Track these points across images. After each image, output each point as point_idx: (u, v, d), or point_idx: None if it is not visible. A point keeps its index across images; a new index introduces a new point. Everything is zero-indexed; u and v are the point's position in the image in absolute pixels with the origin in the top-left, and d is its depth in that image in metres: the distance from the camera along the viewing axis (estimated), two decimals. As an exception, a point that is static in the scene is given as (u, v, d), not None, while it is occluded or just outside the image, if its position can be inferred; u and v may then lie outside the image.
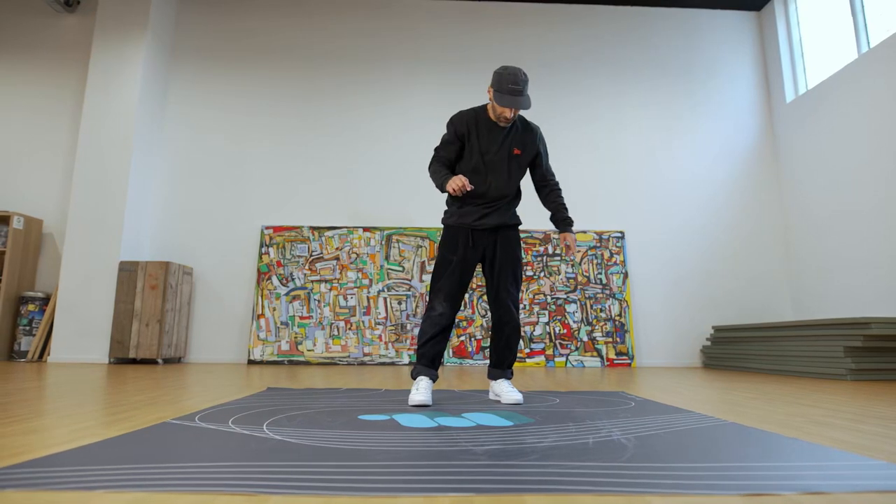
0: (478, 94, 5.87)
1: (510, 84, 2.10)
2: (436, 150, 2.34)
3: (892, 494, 0.92)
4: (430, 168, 2.33)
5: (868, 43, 4.83)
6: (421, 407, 2.06)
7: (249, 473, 1.02)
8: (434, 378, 2.25)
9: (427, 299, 2.37)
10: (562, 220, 2.40)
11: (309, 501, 0.86)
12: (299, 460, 1.14)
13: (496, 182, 2.26)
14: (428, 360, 2.24)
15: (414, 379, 2.24)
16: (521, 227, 5.45)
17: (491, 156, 2.25)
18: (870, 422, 1.77)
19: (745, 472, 1.07)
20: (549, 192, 2.41)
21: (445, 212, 2.36)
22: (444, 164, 2.31)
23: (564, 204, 2.43)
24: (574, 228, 5.50)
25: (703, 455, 1.22)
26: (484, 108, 2.29)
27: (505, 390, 2.26)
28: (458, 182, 2.14)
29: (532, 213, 5.60)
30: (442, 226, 2.58)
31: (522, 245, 5.44)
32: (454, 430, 1.55)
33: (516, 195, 2.36)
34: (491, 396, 2.36)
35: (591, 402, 2.29)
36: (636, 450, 1.28)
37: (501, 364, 2.34)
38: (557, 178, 2.54)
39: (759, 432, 1.53)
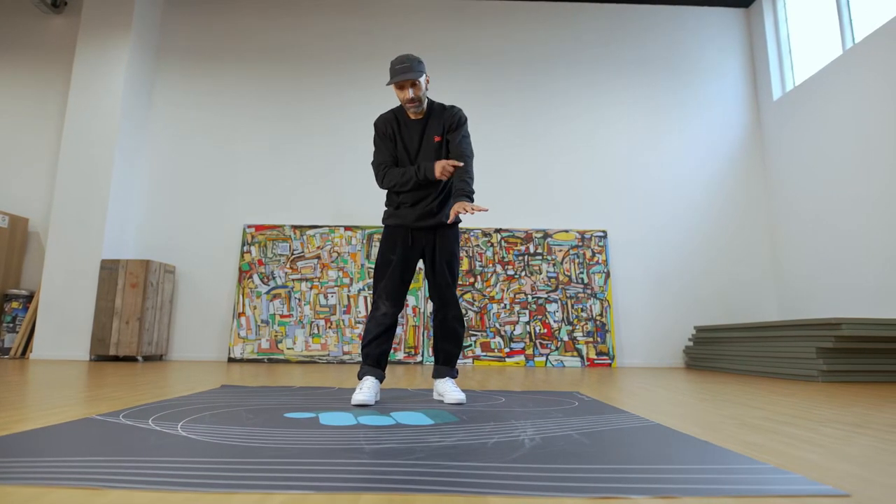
0: (462, 92, 5.85)
1: (396, 66, 2.16)
2: (374, 163, 2.33)
3: (744, 499, 0.90)
4: (385, 179, 2.27)
5: (853, 38, 4.76)
6: (363, 406, 2.05)
7: (109, 468, 1.02)
8: (380, 378, 2.25)
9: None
10: (457, 190, 2.16)
11: (142, 496, 0.85)
12: (175, 456, 1.14)
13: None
14: (373, 360, 2.24)
15: (360, 379, 2.23)
16: (501, 228, 5.45)
17: (414, 150, 2.27)
18: (799, 424, 1.74)
19: (616, 474, 1.05)
20: (458, 168, 2.22)
21: (385, 212, 2.36)
22: (390, 167, 2.30)
23: (465, 179, 2.17)
24: (556, 227, 5.50)
25: (592, 457, 1.21)
26: (401, 107, 2.30)
27: (448, 389, 2.25)
28: (441, 165, 2.17)
29: (513, 213, 5.59)
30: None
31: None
32: (367, 429, 1.54)
33: (448, 187, 2.31)
34: (435, 396, 2.34)
35: (536, 401, 2.27)
36: (531, 450, 1.27)
37: (448, 361, 2.33)
38: (542, 177, 2.50)
39: (675, 434, 1.51)
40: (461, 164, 2.20)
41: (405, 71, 2.14)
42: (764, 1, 5.87)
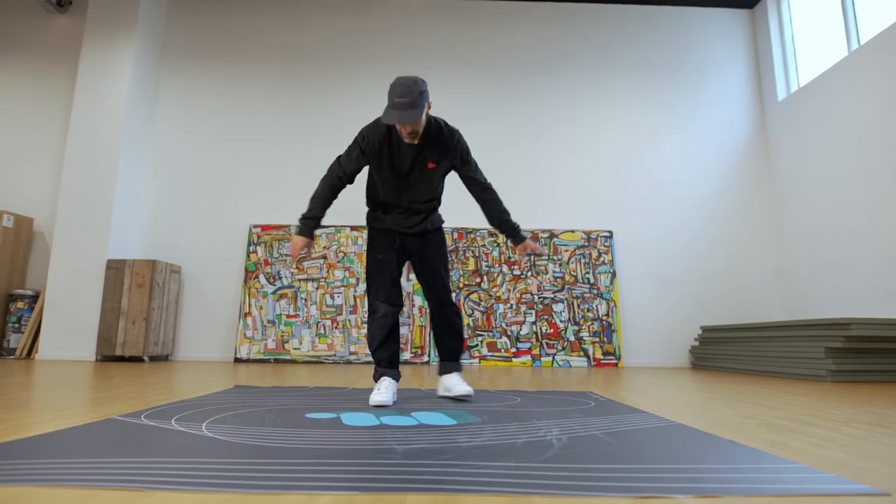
0: (463, 92, 5.86)
1: (395, 97, 1.91)
2: (338, 158, 2.25)
3: (786, 498, 0.91)
4: (319, 184, 2.25)
5: (858, 40, 4.77)
6: (381, 407, 2.05)
7: (147, 470, 1.02)
8: (397, 377, 2.25)
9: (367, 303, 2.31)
10: (511, 231, 2.28)
11: (186, 497, 0.85)
12: (208, 457, 1.14)
13: (412, 198, 2.24)
14: (387, 361, 2.25)
15: (376, 380, 2.23)
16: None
17: (404, 173, 2.17)
18: (820, 424, 1.74)
19: (652, 473, 1.05)
20: (487, 200, 2.27)
21: (369, 214, 2.35)
22: (334, 185, 2.24)
23: (507, 212, 2.30)
24: (562, 228, 5.52)
25: (623, 456, 1.21)
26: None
27: (455, 383, 2.26)
28: (295, 250, 2.17)
29: (517, 213, 5.58)
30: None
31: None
32: (392, 430, 1.54)
33: (437, 204, 2.35)
34: (441, 392, 2.35)
35: (553, 401, 2.27)
36: (561, 450, 1.27)
37: (453, 356, 2.33)
38: (546, 177, 2.50)
39: (699, 434, 1.51)
40: (295, 268, 2.23)
41: (405, 108, 1.90)
42: (768, 2, 5.88)
